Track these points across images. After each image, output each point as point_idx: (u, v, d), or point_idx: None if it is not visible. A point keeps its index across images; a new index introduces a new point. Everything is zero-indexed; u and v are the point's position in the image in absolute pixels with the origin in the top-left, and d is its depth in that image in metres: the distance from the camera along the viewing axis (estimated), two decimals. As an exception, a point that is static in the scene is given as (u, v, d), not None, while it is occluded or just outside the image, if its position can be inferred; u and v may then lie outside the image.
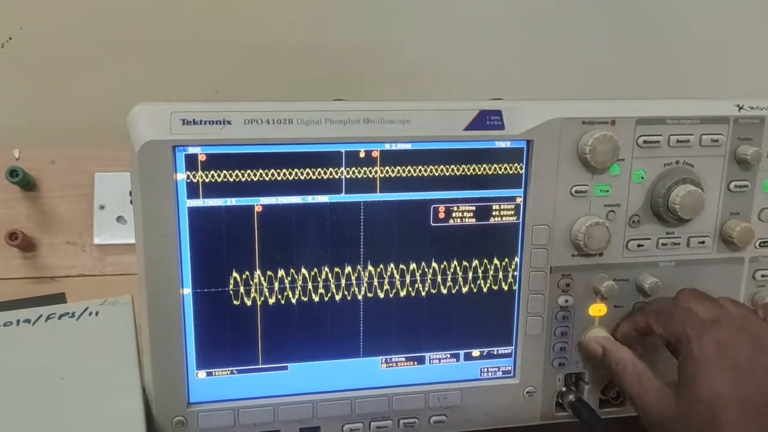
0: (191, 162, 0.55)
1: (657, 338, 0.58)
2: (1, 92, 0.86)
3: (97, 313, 0.64)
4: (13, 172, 0.77)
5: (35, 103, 0.87)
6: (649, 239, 0.62)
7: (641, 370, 0.58)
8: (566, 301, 0.62)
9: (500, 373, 0.64)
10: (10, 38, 0.84)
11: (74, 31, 0.84)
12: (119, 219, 0.82)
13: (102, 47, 0.85)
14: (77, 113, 0.87)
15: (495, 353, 0.63)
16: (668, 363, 0.59)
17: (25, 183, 0.80)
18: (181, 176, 0.55)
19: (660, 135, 0.60)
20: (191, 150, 0.55)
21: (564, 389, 0.64)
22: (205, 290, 0.58)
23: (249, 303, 0.58)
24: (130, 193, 0.56)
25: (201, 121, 0.55)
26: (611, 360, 0.59)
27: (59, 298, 0.75)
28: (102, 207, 0.82)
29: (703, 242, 0.63)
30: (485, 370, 0.64)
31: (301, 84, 0.89)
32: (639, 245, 0.62)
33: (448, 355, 0.63)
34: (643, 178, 0.61)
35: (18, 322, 0.63)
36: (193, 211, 0.56)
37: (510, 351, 0.63)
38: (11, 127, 0.86)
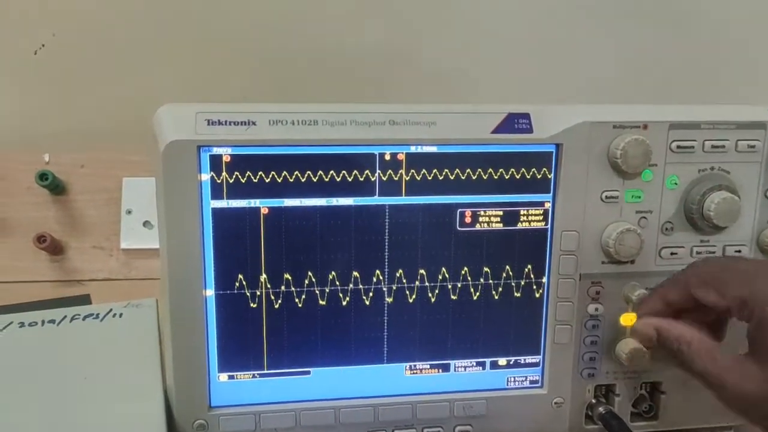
0: (216, 163, 0.55)
1: (693, 311, 0.54)
2: (34, 97, 0.87)
3: (120, 315, 0.65)
4: (42, 176, 0.78)
5: (67, 109, 0.87)
6: (683, 247, 0.60)
7: (710, 345, 0.52)
8: (596, 309, 0.60)
9: (527, 382, 0.62)
10: (43, 45, 0.85)
11: (105, 38, 0.85)
12: (146, 224, 0.82)
13: (132, 53, 0.86)
14: (107, 118, 0.87)
15: (522, 362, 0.62)
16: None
17: (55, 186, 0.80)
18: (206, 177, 0.55)
19: (694, 140, 0.58)
20: (216, 150, 0.55)
21: (594, 401, 0.62)
22: (229, 292, 0.57)
23: (274, 306, 0.58)
24: (158, 198, 0.56)
25: (226, 122, 0.54)
26: (671, 340, 0.54)
27: (84, 300, 0.75)
28: (129, 211, 0.82)
29: (740, 251, 0.61)
30: (512, 379, 0.62)
31: (327, 90, 0.89)
32: (672, 253, 0.60)
33: (474, 363, 0.61)
34: (676, 184, 0.59)
35: (43, 322, 0.64)
36: (217, 212, 0.56)
37: (538, 360, 0.62)
38: (43, 131, 0.87)
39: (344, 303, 0.59)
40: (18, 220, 0.80)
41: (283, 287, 0.58)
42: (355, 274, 0.58)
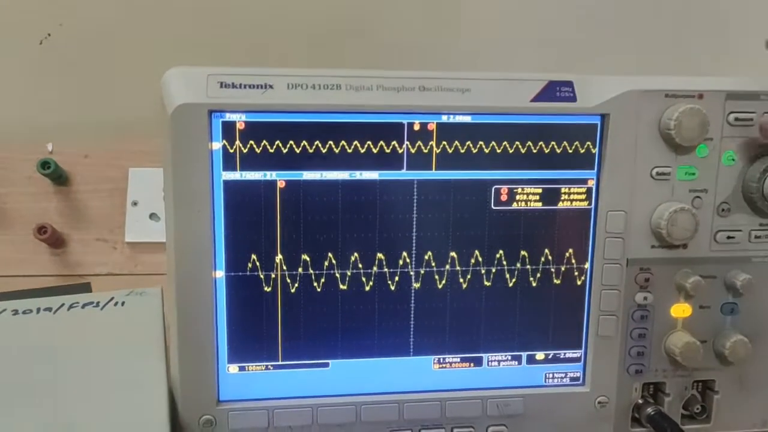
0: (229, 130, 0.51)
1: None
2: (39, 88, 0.85)
3: (123, 304, 0.61)
4: (45, 164, 0.76)
5: (72, 100, 0.86)
6: (741, 231, 0.56)
7: None
8: (645, 298, 0.56)
9: (568, 379, 0.58)
10: (49, 35, 0.84)
11: (113, 28, 0.84)
12: (152, 216, 0.79)
13: (140, 44, 0.85)
14: (114, 109, 0.86)
15: (562, 357, 0.58)
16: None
17: (57, 176, 0.78)
18: (217, 145, 0.51)
19: (753, 112, 0.54)
20: (229, 117, 0.51)
21: (641, 401, 0.58)
22: (241, 274, 0.53)
23: (291, 290, 0.54)
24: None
25: (240, 85, 0.50)
26: None
27: (85, 288, 0.71)
28: (135, 203, 0.80)
29: (804, 236, 0.56)
30: (550, 375, 0.58)
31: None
32: (729, 237, 0.56)
33: (509, 357, 0.57)
34: (734, 160, 0.55)
35: (38, 310, 0.60)
36: (229, 185, 0.52)
37: (579, 355, 0.57)
38: (48, 122, 0.86)
39: (367, 288, 0.55)
40: (18, 211, 0.78)
41: (300, 269, 0.54)
42: (380, 256, 0.54)
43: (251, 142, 0.51)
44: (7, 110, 0.84)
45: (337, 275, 0.54)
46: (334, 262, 0.54)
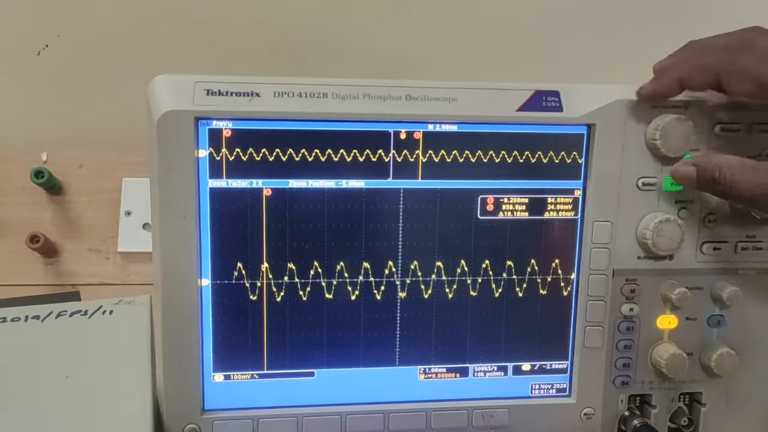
0: (215, 137, 0.51)
1: None
2: (36, 98, 0.85)
3: (111, 312, 0.60)
4: (38, 173, 0.75)
5: (69, 109, 0.85)
6: (727, 242, 0.55)
7: (753, 163, 0.48)
8: (631, 309, 0.55)
9: (554, 390, 0.57)
10: (47, 46, 0.84)
11: (110, 40, 0.83)
12: (145, 226, 0.78)
13: (138, 55, 0.84)
14: (110, 119, 0.85)
15: (548, 368, 0.57)
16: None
17: (51, 185, 0.77)
18: (204, 153, 0.51)
19: (739, 123, 0.54)
20: (215, 124, 0.51)
21: (627, 413, 0.57)
22: (226, 282, 0.53)
23: (276, 299, 0.53)
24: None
25: (227, 92, 0.50)
26: (712, 169, 0.49)
27: (73, 297, 0.70)
28: (128, 213, 0.79)
29: (791, 248, 0.56)
30: (536, 386, 0.57)
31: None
32: (715, 248, 0.55)
33: (495, 368, 0.57)
34: (720, 172, 0.54)
35: (26, 318, 0.60)
36: (215, 193, 0.52)
37: (565, 366, 0.57)
38: (44, 131, 0.85)
39: (353, 297, 0.54)
40: (12, 221, 0.77)
41: (286, 278, 0.53)
42: (366, 265, 0.54)
43: (237, 149, 0.51)
44: (3, 120, 0.83)
45: (323, 284, 0.53)
46: (320, 270, 0.53)
